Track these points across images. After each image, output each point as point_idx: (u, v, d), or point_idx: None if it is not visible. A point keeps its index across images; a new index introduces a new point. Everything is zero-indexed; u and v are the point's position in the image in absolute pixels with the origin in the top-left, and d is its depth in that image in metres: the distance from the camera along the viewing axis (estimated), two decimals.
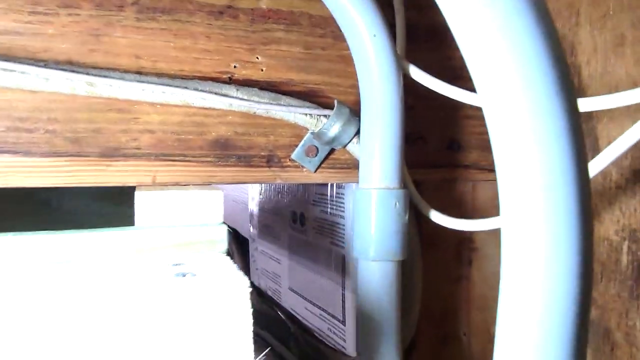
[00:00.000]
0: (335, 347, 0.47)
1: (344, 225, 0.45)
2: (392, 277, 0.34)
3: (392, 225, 0.33)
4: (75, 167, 0.33)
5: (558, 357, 0.18)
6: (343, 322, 0.46)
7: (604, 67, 0.38)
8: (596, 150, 0.38)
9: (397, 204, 0.33)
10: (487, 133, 0.19)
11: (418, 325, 0.43)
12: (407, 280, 0.39)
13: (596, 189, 0.40)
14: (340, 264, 0.46)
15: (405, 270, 0.37)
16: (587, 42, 0.39)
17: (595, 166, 0.30)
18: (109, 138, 0.34)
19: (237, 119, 0.37)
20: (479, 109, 0.42)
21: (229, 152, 0.37)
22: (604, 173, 0.39)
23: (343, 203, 0.45)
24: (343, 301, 0.45)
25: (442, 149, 0.44)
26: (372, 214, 0.33)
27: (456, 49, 0.19)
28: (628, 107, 0.33)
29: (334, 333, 0.48)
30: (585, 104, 0.31)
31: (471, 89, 0.28)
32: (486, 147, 0.45)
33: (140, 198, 0.27)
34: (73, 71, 0.30)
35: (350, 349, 0.45)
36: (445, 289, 0.46)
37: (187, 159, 0.36)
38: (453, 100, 0.36)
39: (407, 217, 0.34)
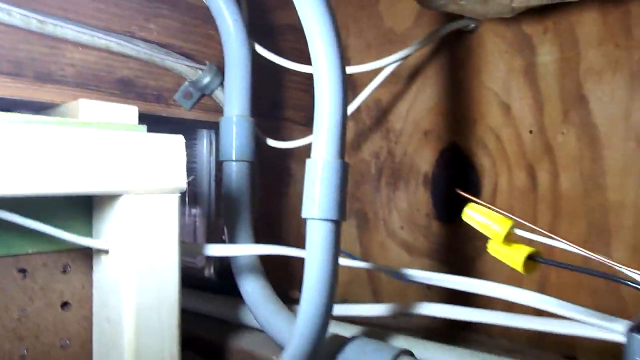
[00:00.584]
0: None
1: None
2: (247, 174, 0.54)
3: (247, 137, 0.53)
4: (17, 85, 0.44)
5: None
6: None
7: (361, 60, 0.66)
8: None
9: (249, 125, 0.54)
10: (299, 98, 0.41)
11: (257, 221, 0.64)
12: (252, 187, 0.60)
13: (358, 131, 0.67)
14: None
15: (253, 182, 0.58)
16: (351, 46, 0.67)
17: (351, 109, 0.56)
18: (42, 65, 0.46)
19: (137, 66, 0.52)
20: (296, 80, 0.65)
21: (130, 88, 0.52)
22: (362, 120, 0.67)
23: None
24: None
25: (270, 106, 0.66)
26: (233, 132, 0.53)
27: (283, 37, 0.40)
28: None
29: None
30: (350, 69, 0.57)
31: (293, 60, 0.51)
32: (298, 106, 0.69)
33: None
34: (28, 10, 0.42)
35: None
36: (274, 201, 0.68)
37: (100, 89, 0.50)
38: (279, 73, 0.58)
39: (254, 134, 0.55)
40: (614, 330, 0.33)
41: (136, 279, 0.36)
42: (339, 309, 0.50)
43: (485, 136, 0.55)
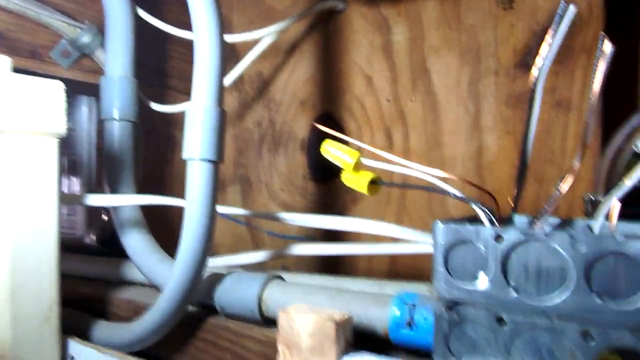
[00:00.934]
0: None
1: None
2: (130, 134, 0.55)
3: (130, 97, 0.55)
4: None
5: None
6: None
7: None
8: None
9: (132, 86, 0.55)
10: (183, 68, 0.45)
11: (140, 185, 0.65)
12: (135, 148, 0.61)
13: (241, 101, 0.72)
14: None
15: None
16: (234, 21, 0.71)
17: (231, 77, 0.60)
18: None
19: (8, 18, 0.51)
20: (181, 51, 0.67)
21: (0, 41, 0.50)
22: (244, 91, 0.71)
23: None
24: None
25: (155, 73, 0.68)
26: (115, 90, 0.54)
27: (167, 7, 0.44)
28: None
29: None
30: (229, 38, 0.61)
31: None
32: (183, 77, 0.71)
33: None
34: None
35: None
36: (158, 168, 0.70)
37: None
38: (164, 41, 0.60)
39: (137, 95, 0.56)
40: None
41: (13, 221, 0.37)
42: (218, 261, 0.54)
43: (352, 104, 0.63)
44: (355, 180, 0.39)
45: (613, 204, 0.29)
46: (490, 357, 0.30)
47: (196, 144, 0.41)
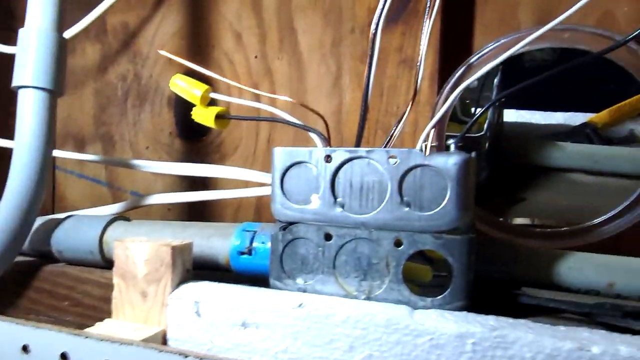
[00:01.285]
0: None
1: None
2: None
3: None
4: None
5: None
6: None
7: None
8: None
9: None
10: None
11: None
12: None
13: (104, 54, 0.67)
14: None
15: None
16: None
17: (90, 19, 0.56)
18: None
19: None
20: None
21: None
22: (108, 43, 0.67)
23: None
24: None
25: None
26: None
27: None
28: None
29: None
30: None
31: None
32: None
33: None
34: None
35: None
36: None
37: None
38: None
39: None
40: None
41: None
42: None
43: (221, 60, 0.63)
44: (203, 115, 0.39)
45: (429, 130, 0.32)
46: (318, 272, 0.32)
47: (29, 70, 0.38)
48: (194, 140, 0.64)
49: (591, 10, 0.50)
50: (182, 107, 0.64)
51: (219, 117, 0.38)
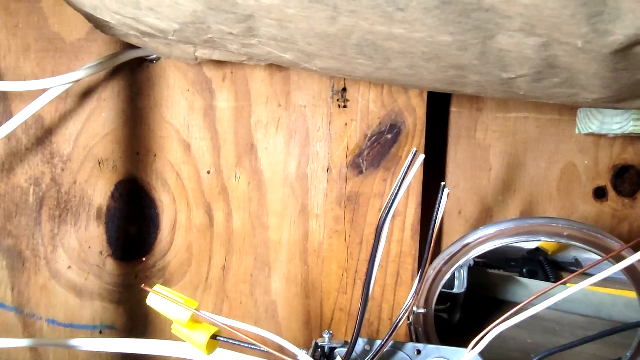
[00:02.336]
0: None
1: None
2: None
3: None
4: None
5: None
6: None
7: (16, 63, 0.54)
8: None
9: None
10: None
11: None
12: None
13: (11, 151, 0.55)
14: None
15: None
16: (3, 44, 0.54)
17: (4, 131, 0.45)
18: None
19: None
20: None
21: None
22: (16, 138, 0.55)
23: None
24: None
25: None
26: None
27: None
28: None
29: None
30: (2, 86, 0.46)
31: None
32: None
33: None
34: None
35: None
36: None
37: None
38: None
39: None
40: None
41: None
42: None
43: (166, 172, 0.55)
44: (189, 335, 0.32)
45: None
46: None
47: None
48: (130, 261, 0.56)
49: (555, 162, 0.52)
50: (117, 223, 0.55)
51: (212, 337, 0.32)
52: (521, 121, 0.52)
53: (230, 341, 0.32)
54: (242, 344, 0.31)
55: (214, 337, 0.32)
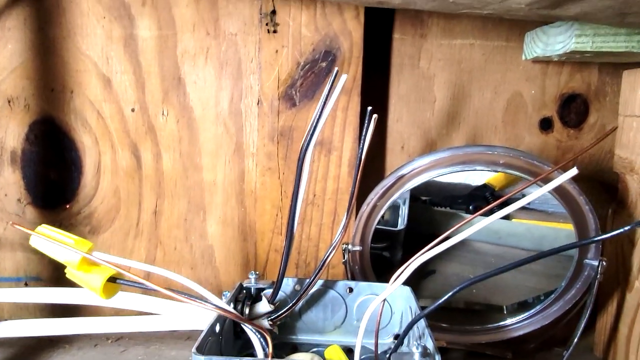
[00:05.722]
0: None
1: None
2: None
3: None
4: None
5: None
6: None
7: None
8: None
9: None
10: None
11: None
12: None
13: None
14: None
15: None
16: None
17: None
18: None
19: None
20: None
21: None
22: None
23: None
24: None
25: None
26: None
27: None
28: None
29: None
30: None
31: None
32: None
33: None
34: None
35: None
36: None
37: None
38: None
39: None
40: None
41: None
42: None
43: (85, 110, 0.50)
44: (84, 278, 0.29)
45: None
46: None
47: None
48: (53, 208, 0.51)
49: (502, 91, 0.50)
50: (34, 168, 0.50)
51: (110, 280, 0.29)
52: (467, 48, 0.49)
53: (131, 284, 0.29)
54: (145, 286, 0.28)
55: (113, 279, 0.29)
